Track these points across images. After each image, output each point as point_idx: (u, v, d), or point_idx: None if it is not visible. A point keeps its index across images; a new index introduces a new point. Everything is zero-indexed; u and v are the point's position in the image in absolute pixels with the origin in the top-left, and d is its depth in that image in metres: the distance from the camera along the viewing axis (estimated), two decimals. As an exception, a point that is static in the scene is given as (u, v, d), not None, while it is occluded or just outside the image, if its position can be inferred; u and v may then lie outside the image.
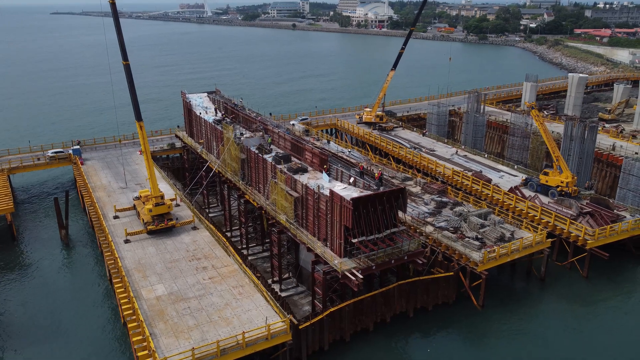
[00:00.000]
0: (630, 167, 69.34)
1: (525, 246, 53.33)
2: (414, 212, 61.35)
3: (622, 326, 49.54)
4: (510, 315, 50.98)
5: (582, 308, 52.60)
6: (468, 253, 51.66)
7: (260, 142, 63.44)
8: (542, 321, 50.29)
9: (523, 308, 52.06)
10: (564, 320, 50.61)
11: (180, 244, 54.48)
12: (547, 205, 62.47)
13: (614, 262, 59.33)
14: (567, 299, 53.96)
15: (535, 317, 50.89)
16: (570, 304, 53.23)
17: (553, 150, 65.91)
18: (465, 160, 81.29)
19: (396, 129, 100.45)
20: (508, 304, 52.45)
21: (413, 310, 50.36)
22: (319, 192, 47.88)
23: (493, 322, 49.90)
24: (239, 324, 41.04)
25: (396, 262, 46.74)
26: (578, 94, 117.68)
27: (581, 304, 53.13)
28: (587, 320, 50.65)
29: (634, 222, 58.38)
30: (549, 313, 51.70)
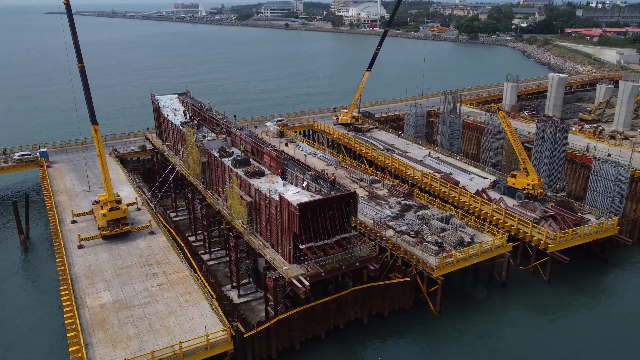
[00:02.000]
0: (600, 168, 68.46)
1: (484, 250, 52.51)
2: (377, 215, 60.54)
3: (583, 332, 48.74)
4: (468, 321, 50.14)
5: (542, 313, 51.79)
6: (425, 258, 50.83)
7: (222, 145, 62.52)
8: (500, 327, 49.53)
9: (482, 313, 51.24)
10: (523, 326, 49.80)
11: (135, 250, 53.49)
12: (511, 208, 61.68)
13: (578, 266, 58.60)
14: (527, 304, 53.17)
15: (493, 322, 50.10)
16: (530, 309, 52.44)
17: (519, 152, 65.12)
18: (437, 162, 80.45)
19: (372, 130, 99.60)
20: (466, 310, 51.62)
21: (368, 316, 49.46)
22: (270, 196, 46.98)
23: (450, 328, 49.04)
24: (181, 333, 40.11)
25: (347, 268, 45.90)
26: (558, 94, 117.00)
27: (542, 309, 52.32)
28: (547, 326, 49.80)
29: (598, 225, 57.60)
30: (507, 318, 50.95)
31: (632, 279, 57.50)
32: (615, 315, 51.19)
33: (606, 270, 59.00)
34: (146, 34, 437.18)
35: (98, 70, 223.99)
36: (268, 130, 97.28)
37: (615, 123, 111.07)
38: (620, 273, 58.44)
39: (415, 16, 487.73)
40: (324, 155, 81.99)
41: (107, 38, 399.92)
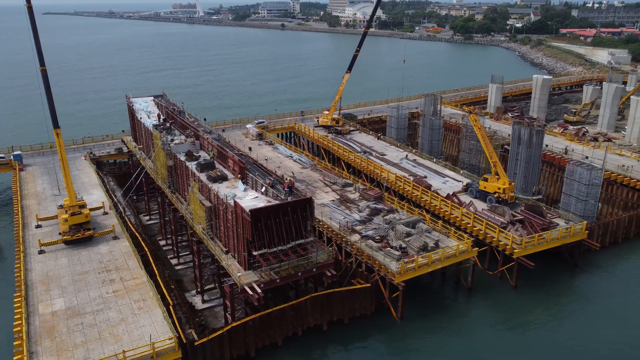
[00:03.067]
0: (573, 172, 67.87)
1: (448, 256, 51.92)
2: (344, 219, 59.96)
3: (547, 337, 48.12)
4: (430, 326, 49.61)
5: (506, 318, 51.28)
6: (387, 263, 50.26)
7: (190, 148, 62.00)
8: (462, 332, 48.98)
9: (445, 319, 50.69)
10: (486, 331, 49.29)
11: (95, 255, 52.91)
12: (480, 212, 61.10)
13: (547, 271, 58.16)
14: (492, 309, 52.68)
15: (456, 328, 49.54)
16: (494, 314, 51.93)
17: (490, 155, 64.55)
18: (413, 165, 79.86)
19: (352, 133, 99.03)
20: (429, 315, 51.07)
21: (328, 322, 48.87)
22: (227, 202, 46.44)
23: (411, 335, 48.49)
24: (129, 341, 39.55)
25: (304, 274, 45.38)
26: (543, 95, 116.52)
27: (506, 315, 51.81)
28: (511, 331, 49.30)
29: (565, 230, 57.01)
30: (470, 324, 50.37)
31: (599, 283, 56.90)
32: (581, 320, 50.70)
33: (575, 274, 58.45)
34: (141, 35, 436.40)
35: (88, 72, 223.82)
36: (248, 133, 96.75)
37: (599, 125, 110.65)
38: (589, 277, 57.87)
39: (412, 16, 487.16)
40: (300, 158, 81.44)
41: (101, 39, 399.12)
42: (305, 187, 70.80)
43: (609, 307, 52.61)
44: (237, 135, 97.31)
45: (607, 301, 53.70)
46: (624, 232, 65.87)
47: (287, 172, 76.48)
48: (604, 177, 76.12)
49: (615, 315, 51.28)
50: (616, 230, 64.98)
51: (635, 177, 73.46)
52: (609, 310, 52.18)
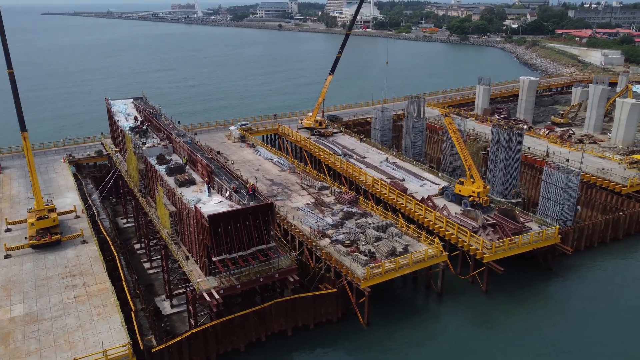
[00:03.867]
0: (550, 175, 67.39)
1: (417, 260, 51.46)
2: (316, 223, 59.53)
3: (516, 342, 47.68)
4: (397, 332, 49.14)
5: (476, 324, 50.89)
6: (354, 268, 49.82)
7: (162, 152, 61.59)
8: (430, 338, 48.58)
9: (412, 324, 50.22)
10: (454, 337, 48.86)
11: (62, 260, 52.52)
12: (453, 216, 60.66)
13: (519, 276, 57.70)
14: (461, 314, 52.21)
15: (423, 333, 49.10)
16: (463, 320, 51.49)
17: (465, 158, 64.14)
18: (392, 168, 79.44)
19: (336, 135, 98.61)
20: (397, 321, 50.61)
21: (293, 328, 48.44)
22: (188, 207, 46.06)
23: (377, 341, 48.03)
24: (84, 348, 39.17)
25: (266, 280, 44.97)
26: (529, 97, 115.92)
27: (475, 320, 51.42)
28: (480, 337, 48.88)
29: (537, 234, 56.55)
30: (439, 329, 49.96)
31: (572, 288, 56.41)
32: (551, 324, 50.16)
33: (547, 279, 57.96)
34: (136, 36, 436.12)
35: (79, 74, 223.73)
36: (231, 135, 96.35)
37: (586, 126, 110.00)
38: (561, 282, 57.39)
39: (410, 17, 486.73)
40: (280, 161, 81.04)
41: (95, 39, 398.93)
42: (281, 190, 70.54)
43: (580, 312, 52.18)
44: (220, 138, 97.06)
45: (578, 306, 53.25)
46: (600, 236, 65.36)
47: (266, 175, 76.20)
48: (583, 180, 76.13)
49: (585, 319, 50.86)
50: (592, 235, 64.48)
51: (615, 180, 73.00)
52: (579, 314, 51.76)
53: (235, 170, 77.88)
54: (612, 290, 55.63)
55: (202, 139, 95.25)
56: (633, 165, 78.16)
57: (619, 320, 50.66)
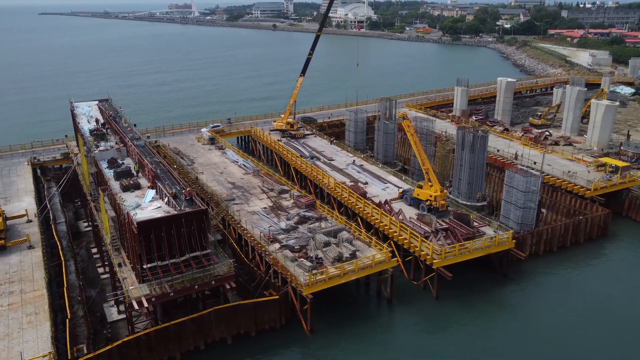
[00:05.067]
0: (512, 178, 66.56)
1: (363, 266, 50.66)
2: (270, 228, 58.77)
3: (463, 351, 46.85)
4: (342, 340, 48.27)
5: (425, 331, 50.00)
6: (297, 275, 49.03)
7: (114, 155, 60.82)
8: (375, 344, 47.68)
9: (358, 331, 49.35)
10: (400, 343, 48.08)
11: (4, 266, 51.75)
12: (407, 220, 59.84)
13: (473, 281, 56.90)
14: (409, 321, 51.36)
15: (368, 340, 48.22)
16: (411, 326, 50.60)
17: (422, 162, 63.27)
18: (358, 171, 78.66)
19: (308, 137, 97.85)
20: (343, 328, 49.76)
21: (234, 336, 47.63)
22: (124, 212, 45.29)
23: (321, 349, 47.21)
24: (7, 358, 38.39)
25: (202, 287, 44.19)
26: (507, 98, 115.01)
27: (425, 327, 50.53)
28: (429, 344, 47.98)
29: (490, 239, 55.73)
30: (385, 336, 49.04)
31: (526, 293, 55.43)
32: (501, 330, 49.41)
33: (502, 284, 57.02)
34: (130, 36, 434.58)
35: (65, 76, 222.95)
36: (201, 137, 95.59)
37: (563, 128, 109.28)
38: (515, 287, 56.45)
39: (405, 17, 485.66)
40: (245, 164, 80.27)
41: (87, 40, 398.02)
42: (241, 193, 69.81)
43: (532, 318, 51.31)
44: (190, 140, 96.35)
45: (530, 311, 52.40)
46: (561, 241, 64.48)
47: (228, 178, 75.48)
48: (549, 184, 75.39)
49: (537, 325, 50.01)
50: (551, 239, 63.61)
51: (580, 183, 72.21)
52: (531, 320, 50.88)
53: (199, 173, 77.57)
54: (566, 296, 54.77)
55: (174, 141, 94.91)
56: (601, 168, 77.34)
57: (570, 325, 49.87)
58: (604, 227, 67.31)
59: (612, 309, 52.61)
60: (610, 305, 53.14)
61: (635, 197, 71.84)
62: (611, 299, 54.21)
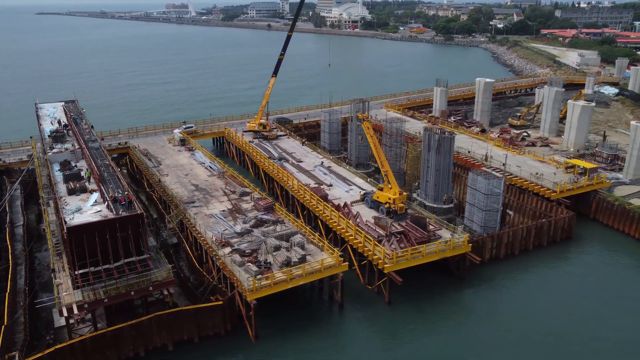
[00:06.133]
0: (475, 180, 65.68)
1: (312, 271, 49.76)
2: (224, 231, 57.90)
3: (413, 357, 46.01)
4: (288, 346, 47.39)
5: (376, 336, 49.08)
6: (243, 280, 48.15)
7: (69, 157, 60.01)
8: (320, 351, 46.82)
9: (306, 338, 48.42)
10: (348, 350, 47.21)
11: (-52, 270, 50.96)
12: (363, 224, 58.93)
13: (429, 286, 56.06)
14: (360, 326, 50.41)
15: (315, 347, 47.34)
16: (363, 332, 49.67)
17: (382, 164, 62.37)
18: (324, 173, 77.76)
19: (281, 138, 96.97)
20: (289, 334, 48.86)
21: (176, 342, 46.72)
22: (62, 217, 44.41)
23: (265, 356, 46.35)
24: None
25: (138, 293, 43.30)
26: (485, 99, 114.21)
27: (375, 332, 49.62)
28: (377, 350, 47.11)
29: (444, 243, 54.81)
30: (331, 341, 48.15)
31: (482, 298, 54.48)
32: (453, 335, 48.52)
33: (459, 289, 56.07)
34: (122, 37, 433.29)
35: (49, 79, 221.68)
36: (173, 138, 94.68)
37: (541, 129, 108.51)
38: (472, 292, 55.52)
39: (401, 17, 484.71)
40: (211, 165, 79.41)
41: (78, 41, 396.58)
42: (203, 196, 68.94)
43: (486, 322, 50.56)
44: (162, 141, 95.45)
45: (485, 315, 51.60)
46: (522, 244, 63.57)
47: (192, 180, 74.60)
48: (517, 185, 74.50)
49: (490, 329, 49.27)
50: (513, 242, 62.69)
51: (546, 185, 71.33)
52: (485, 324, 50.13)
53: (164, 174, 76.72)
54: (523, 300, 53.89)
55: (145, 142, 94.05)
56: (570, 169, 76.46)
57: (526, 330, 49.01)
58: (568, 230, 66.41)
59: (572, 313, 51.71)
60: (570, 310, 52.26)
61: (603, 199, 70.92)
62: (571, 303, 53.30)
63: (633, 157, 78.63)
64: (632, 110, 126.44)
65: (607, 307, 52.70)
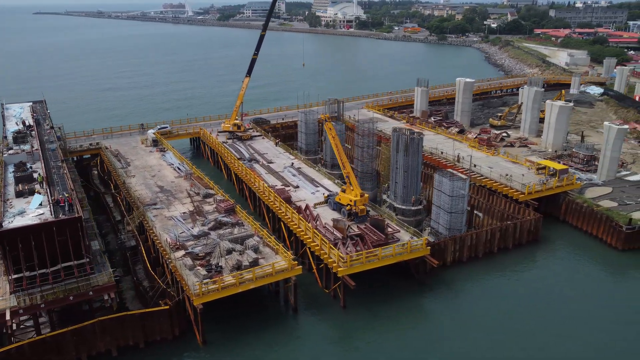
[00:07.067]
0: (440, 182, 64.76)
1: (263, 275, 48.87)
2: (182, 234, 57.03)
3: None
4: (235, 350, 46.48)
5: (329, 341, 48.15)
6: (190, 284, 47.26)
7: (25, 159, 59.11)
8: (272, 354, 45.96)
9: (256, 342, 47.47)
10: (298, 354, 46.40)
11: None
12: (320, 227, 58.00)
13: (388, 289, 55.14)
14: (314, 330, 49.44)
15: (265, 352, 46.46)
16: (316, 336, 48.71)
17: (343, 165, 61.46)
18: (293, 174, 76.88)
19: (256, 138, 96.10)
20: (239, 339, 47.94)
21: (121, 348, 45.81)
22: (0, 220, 43.50)
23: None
24: None
25: (77, 298, 42.41)
26: (465, 99, 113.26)
27: (328, 337, 48.70)
28: (328, 355, 46.24)
29: (401, 246, 53.90)
30: (284, 347, 47.25)
31: (440, 301, 53.56)
32: (405, 340, 47.66)
33: (417, 293, 55.06)
34: (115, 37, 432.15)
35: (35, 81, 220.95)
36: (146, 139, 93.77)
37: (522, 129, 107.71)
38: (431, 295, 54.55)
39: (396, 16, 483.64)
40: (179, 166, 78.54)
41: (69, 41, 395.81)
42: (166, 197, 68.10)
43: (442, 325, 49.70)
44: (135, 141, 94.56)
45: (442, 319, 50.74)
46: (487, 247, 62.64)
47: (158, 182, 73.74)
48: (487, 187, 73.57)
49: (447, 334, 48.41)
50: (476, 245, 61.77)
51: (515, 186, 70.43)
52: (441, 328, 49.27)
53: (131, 176, 75.82)
54: (483, 304, 53.01)
55: (118, 143, 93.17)
56: (541, 170, 75.56)
57: (484, 333, 48.23)
58: (535, 233, 65.50)
59: (531, 317, 50.82)
60: (530, 313, 51.40)
61: (572, 201, 70.01)
62: (532, 307, 52.40)
63: (606, 158, 77.80)
64: (616, 111, 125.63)
65: (568, 311, 51.77)
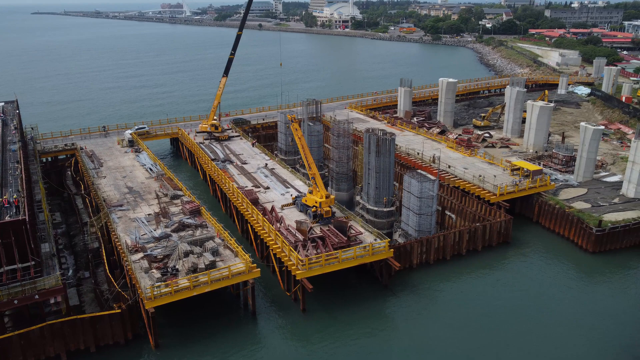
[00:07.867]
0: (409, 183, 63.98)
1: (220, 277, 48.09)
2: (143, 235, 56.29)
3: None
4: (187, 355, 45.76)
5: (283, 345, 47.42)
6: (143, 287, 46.51)
7: (-15, 159, 58.35)
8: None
9: (209, 346, 46.78)
10: (254, 357, 45.54)
11: None
12: (282, 229, 57.22)
13: (348, 293, 54.46)
14: (271, 334, 48.74)
15: (218, 357, 45.71)
16: (272, 339, 48.01)
17: (309, 166, 60.67)
18: (265, 175, 76.11)
19: (233, 139, 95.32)
20: (193, 342, 47.20)
21: (71, 352, 45.06)
22: (-55, 222, 42.73)
23: (164, 365, 44.81)
24: None
25: (22, 301, 41.64)
26: (448, 99, 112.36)
27: (284, 340, 47.95)
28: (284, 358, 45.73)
29: (363, 249, 53.10)
30: (240, 350, 46.49)
31: (402, 303, 52.77)
32: (364, 344, 46.93)
33: (380, 295, 54.30)
34: (110, 37, 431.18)
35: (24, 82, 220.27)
36: (122, 139, 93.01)
37: (504, 130, 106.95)
38: (393, 298, 53.77)
39: (393, 16, 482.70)
40: (151, 167, 77.80)
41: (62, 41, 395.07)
42: (134, 198, 67.37)
43: (403, 329, 49.05)
44: (111, 142, 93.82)
45: (403, 323, 50.04)
46: (455, 249, 61.85)
47: (129, 182, 73.00)
48: (460, 188, 72.77)
49: (407, 337, 47.75)
50: (444, 247, 60.99)
51: (487, 188, 69.64)
52: (401, 332, 48.61)
53: (102, 176, 75.14)
54: (445, 307, 52.26)
55: (95, 144, 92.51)
56: (516, 172, 74.76)
57: (446, 336, 47.57)
58: (505, 234, 64.71)
59: (497, 319, 50.19)
60: (496, 315, 50.75)
61: (545, 202, 69.19)
62: (498, 310, 51.76)
63: (583, 159, 77.02)
64: (602, 111, 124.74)
65: (535, 313, 51.02)
